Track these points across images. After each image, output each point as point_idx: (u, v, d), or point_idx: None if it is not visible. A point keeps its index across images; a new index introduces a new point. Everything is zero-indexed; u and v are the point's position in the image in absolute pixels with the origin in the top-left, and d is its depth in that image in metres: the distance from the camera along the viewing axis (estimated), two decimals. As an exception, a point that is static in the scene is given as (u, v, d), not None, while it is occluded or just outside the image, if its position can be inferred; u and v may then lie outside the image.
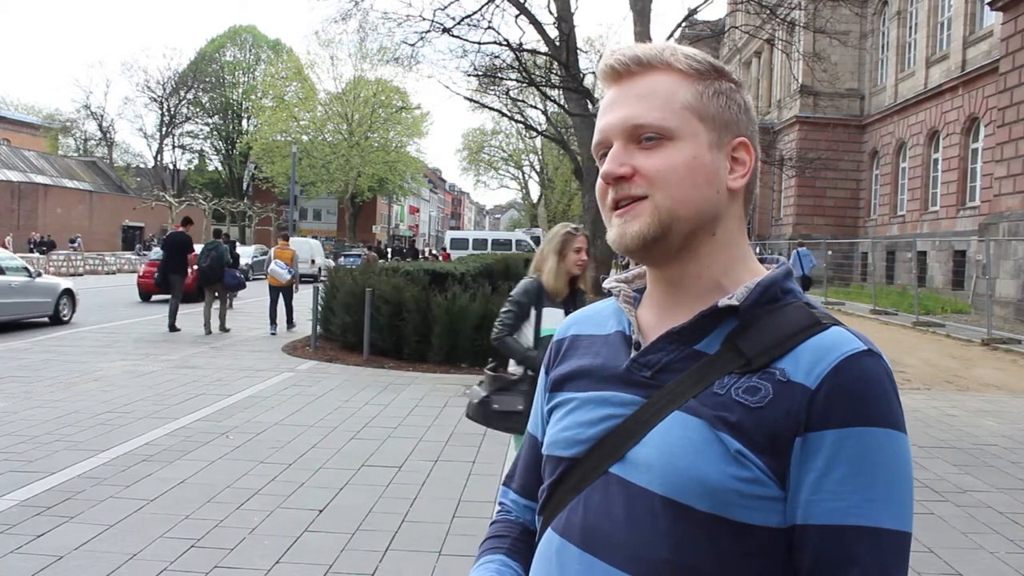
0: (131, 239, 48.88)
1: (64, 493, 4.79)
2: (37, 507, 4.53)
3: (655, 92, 0.92)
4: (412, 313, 10.14)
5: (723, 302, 0.90)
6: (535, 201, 69.05)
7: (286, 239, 14.58)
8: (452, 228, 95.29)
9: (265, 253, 25.83)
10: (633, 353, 0.95)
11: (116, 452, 5.72)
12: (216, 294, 13.57)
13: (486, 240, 38.53)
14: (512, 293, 3.88)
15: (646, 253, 0.93)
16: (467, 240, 37.93)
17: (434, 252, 44.97)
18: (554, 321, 3.66)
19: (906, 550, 0.83)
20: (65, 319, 14.47)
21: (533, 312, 3.76)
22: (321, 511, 4.60)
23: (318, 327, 11.41)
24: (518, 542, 1.08)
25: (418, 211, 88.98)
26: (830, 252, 25.88)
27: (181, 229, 13.94)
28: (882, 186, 28.31)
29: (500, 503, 1.17)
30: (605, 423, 0.93)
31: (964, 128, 22.72)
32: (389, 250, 35.68)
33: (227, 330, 13.40)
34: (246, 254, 27.87)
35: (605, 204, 0.95)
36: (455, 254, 27.67)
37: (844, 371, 0.83)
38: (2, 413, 6.90)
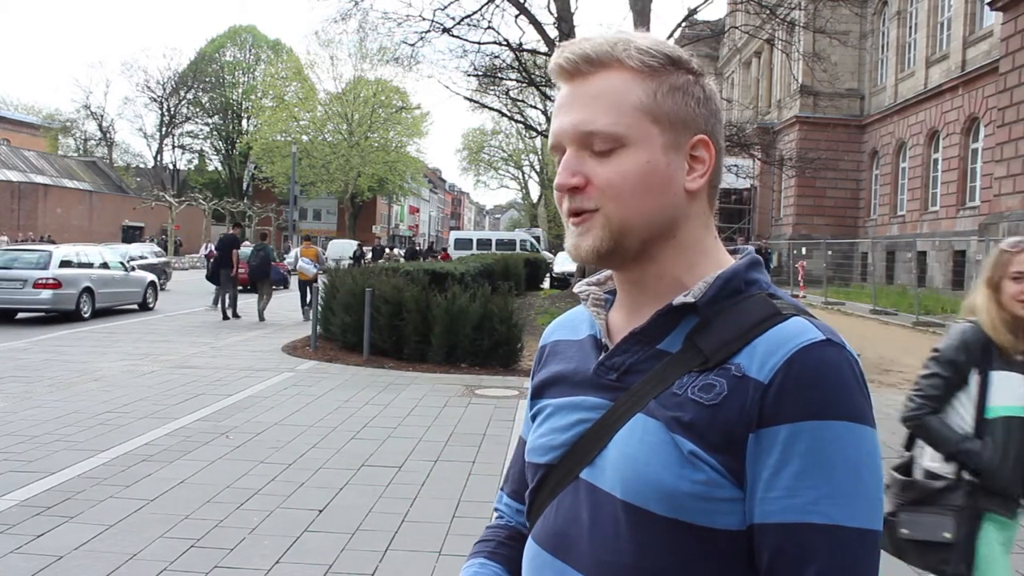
0: (131, 239, 48.84)
1: (64, 493, 4.79)
2: (37, 507, 4.54)
3: (605, 94, 0.88)
4: (412, 313, 10.14)
5: (679, 300, 0.88)
6: (535, 201, 69.06)
7: (308, 239, 17.75)
8: (453, 228, 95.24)
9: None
10: (601, 356, 0.94)
11: (116, 452, 5.72)
12: (260, 288, 15.54)
13: (490, 240, 38.38)
14: (939, 347, 2.51)
15: (603, 263, 0.92)
16: (471, 240, 37.77)
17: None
18: (1011, 392, 2.38)
19: (871, 548, 0.79)
20: (151, 307, 17.32)
21: (974, 377, 2.42)
22: (321, 511, 4.60)
23: (318, 327, 11.42)
24: (502, 545, 1.08)
25: (418, 211, 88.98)
26: (830, 252, 25.90)
27: (232, 232, 16.37)
28: (882, 186, 28.31)
29: (495, 508, 1.17)
30: (576, 428, 0.92)
31: (964, 128, 22.73)
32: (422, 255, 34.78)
33: (263, 319, 15.20)
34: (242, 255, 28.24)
35: (562, 210, 0.92)
36: (459, 254, 27.65)
37: (798, 363, 0.80)
38: (2, 413, 6.91)
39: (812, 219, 30.20)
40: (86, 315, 14.95)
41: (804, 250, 26.46)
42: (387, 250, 31.72)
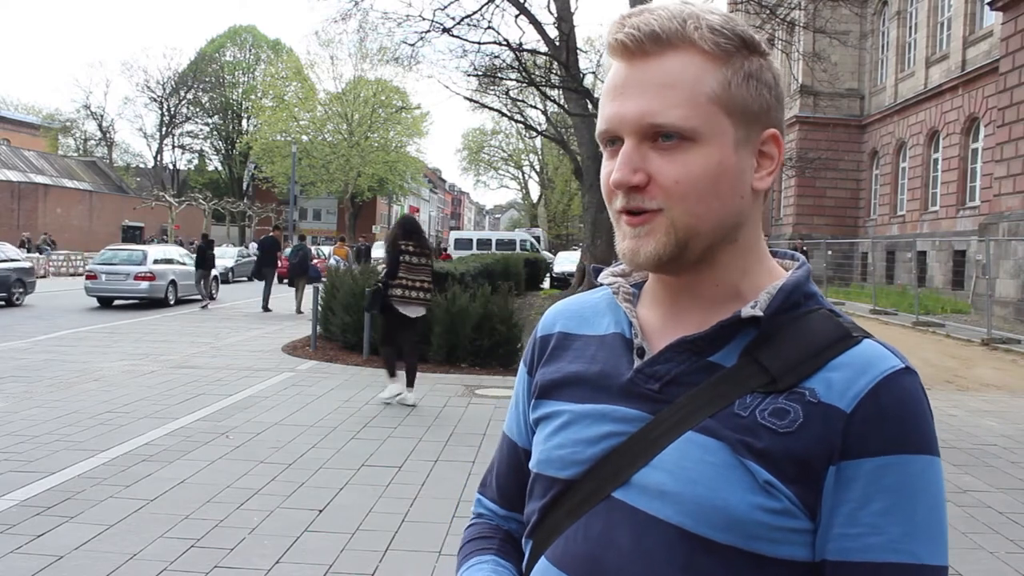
0: (131, 239, 48.86)
1: (64, 493, 4.79)
2: (37, 507, 4.54)
3: (676, 81, 0.78)
4: (412, 313, 10.13)
5: (746, 312, 0.80)
6: (535, 201, 69.11)
7: (343, 240, 21.10)
8: (453, 228, 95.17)
9: (245, 256, 30.92)
10: (637, 362, 0.85)
11: (116, 452, 5.72)
12: (298, 283, 17.28)
13: (490, 240, 38.33)
14: None
15: (661, 270, 0.85)
16: (471, 240, 37.73)
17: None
18: None
19: None
20: (214, 297, 19.79)
21: None
22: (321, 511, 4.60)
23: (318, 327, 11.42)
24: (506, 544, 0.99)
25: (418, 211, 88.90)
26: (830, 252, 25.90)
27: (273, 234, 18.65)
28: (882, 186, 28.31)
29: (476, 513, 1.06)
30: (606, 441, 0.83)
31: (964, 128, 22.72)
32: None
33: (300, 312, 16.57)
34: (228, 255, 28.85)
35: (613, 206, 0.83)
36: (459, 254, 27.67)
37: (883, 393, 0.76)
38: (2, 413, 6.90)
39: (812, 219, 30.20)
40: (172, 303, 18.05)
41: (804, 250, 26.46)
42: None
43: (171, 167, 65.75)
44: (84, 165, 58.04)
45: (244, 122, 63.76)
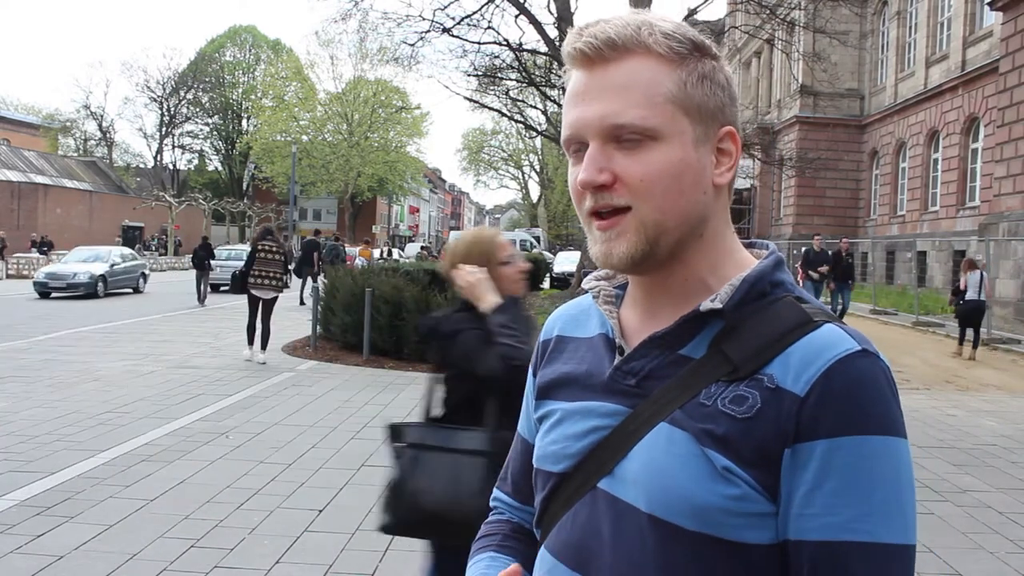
0: (131, 239, 48.86)
1: (64, 493, 4.79)
2: (37, 507, 4.54)
3: (634, 84, 0.82)
4: (412, 313, 10.13)
5: (705, 305, 0.84)
6: (535, 201, 69.17)
7: (368, 243, 24.01)
8: (453, 228, 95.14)
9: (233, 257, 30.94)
10: (616, 359, 0.90)
11: (116, 452, 5.72)
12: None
13: None
14: None
15: (636, 271, 0.88)
16: None
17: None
18: None
19: (908, 564, 0.78)
20: (287, 287, 21.96)
21: None
22: (321, 511, 4.60)
23: (318, 327, 11.42)
24: (507, 538, 1.05)
25: (418, 211, 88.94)
26: (830, 252, 25.85)
27: (312, 237, 21.32)
28: (882, 186, 28.31)
29: (492, 505, 1.13)
30: (592, 436, 0.88)
31: (964, 128, 22.72)
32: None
33: None
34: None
35: (583, 209, 0.86)
36: None
37: (836, 375, 0.77)
38: (2, 413, 6.91)
39: (812, 219, 30.17)
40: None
41: (804, 250, 26.44)
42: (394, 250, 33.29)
43: (171, 167, 65.69)
44: (84, 165, 57.98)
45: (244, 122, 63.70)
